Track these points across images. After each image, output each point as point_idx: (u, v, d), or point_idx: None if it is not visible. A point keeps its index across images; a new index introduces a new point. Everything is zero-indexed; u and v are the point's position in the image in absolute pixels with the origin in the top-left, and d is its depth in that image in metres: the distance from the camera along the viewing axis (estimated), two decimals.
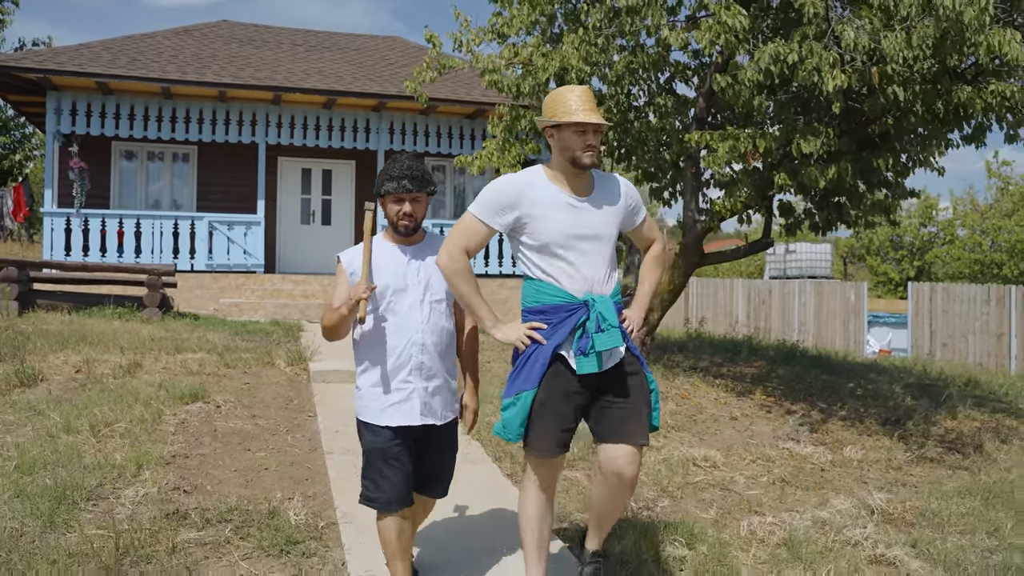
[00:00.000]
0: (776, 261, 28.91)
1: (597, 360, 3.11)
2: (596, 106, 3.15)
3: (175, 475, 4.51)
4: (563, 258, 3.15)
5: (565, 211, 3.15)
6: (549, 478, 3.27)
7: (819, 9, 5.68)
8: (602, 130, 3.17)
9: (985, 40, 4.94)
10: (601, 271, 3.20)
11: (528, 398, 3.12)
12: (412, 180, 3.14)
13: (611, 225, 3.25)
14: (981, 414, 8.56)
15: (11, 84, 12.96)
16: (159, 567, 3.44)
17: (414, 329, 3.17)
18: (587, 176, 3.26)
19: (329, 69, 14.78)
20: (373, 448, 3.17)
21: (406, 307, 3.17)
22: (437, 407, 3.23)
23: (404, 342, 3.16)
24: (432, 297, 3.22)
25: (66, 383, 6.38)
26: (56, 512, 3.82)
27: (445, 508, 4.29)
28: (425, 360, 3.18)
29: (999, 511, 5.40)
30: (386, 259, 3.22)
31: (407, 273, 3.21)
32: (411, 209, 3.17)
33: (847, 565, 4.20)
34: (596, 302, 3.12)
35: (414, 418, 3.15)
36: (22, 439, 4.87)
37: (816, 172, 6.62)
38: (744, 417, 7.47)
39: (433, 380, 3.20)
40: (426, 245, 3.30)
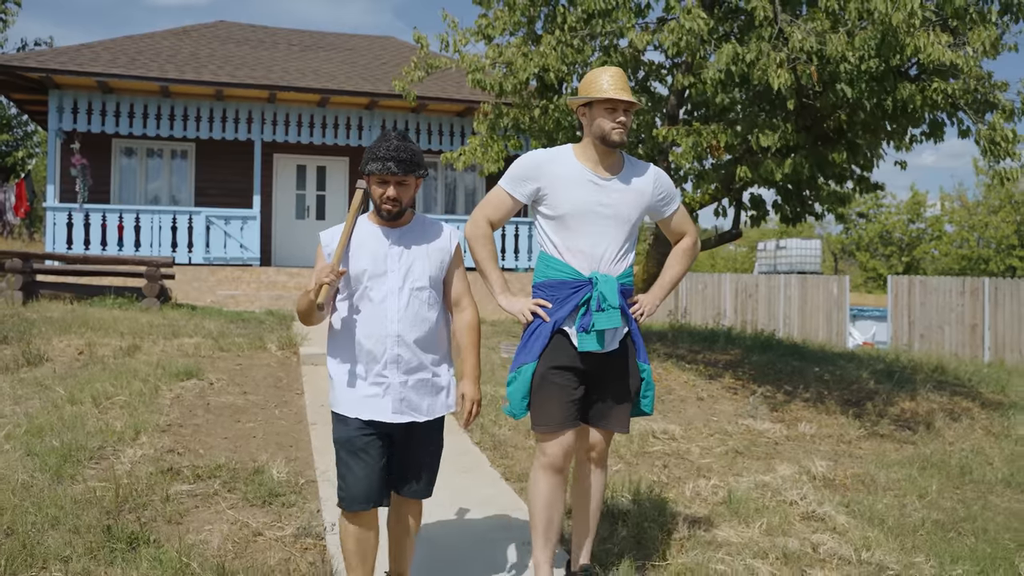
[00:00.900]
0: (766, 257, 29.32)
1: (598, 338, 3.12)
2: (628, 86, 3.20)
3: (170, 440, 4.94)
4: (576, 232, 3.18)
5: (585, 187, 3.19)
6: (558, 456, 3.18)
7: (768, 13, 6.10)
8: (633, 109, 3.20)
9: (912, 42, 5.36)
10: (613, 251, 3.20)
11: (528, 371, 3.15)
12: (399, 163, 2.86)
13: (632, 208, 3.25)
14: (940, 397, 8.98)
15: (14, 83, 13.40)
16: (154, 512, 3.87)
17: (390, 319, 2.92)
18: (616, 157, 3.28)
19: (323, 68, 15.20)
20: (339, 439, 2.96)
21: (383, 294, 2.93)
22: (419, 402, 2.97)
23: (379, 332, 2.92)
24: (413, 284, 2.96)
25: (69, 363, 6.82)
26: (63, 468, 4.26)
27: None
28: (403, 353, 2.93)
29: (932, 477, 5.83)
30: (366, 242, 2.97)
31: (387, 257, 2.96)
32: (396, 193, 2.91)
33: (779, 519, 4.62)
34: (599, 281, 3.14)
35: (387, 415, 2.92)
36: (30, 409, 5.31)
37: (773, 165, 7.05)
38: (710, 398, 7.89)
39: (415, 374, 2.96)
40: (412, 229, 3.04)
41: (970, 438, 7.24)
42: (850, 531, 4.57)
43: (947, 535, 4.71)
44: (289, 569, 3.45)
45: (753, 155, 7.58)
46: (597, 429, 3.29)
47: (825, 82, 6.53)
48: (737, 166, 7.73)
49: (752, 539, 4.30)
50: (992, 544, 4.57)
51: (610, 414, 3.26)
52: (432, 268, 3.01)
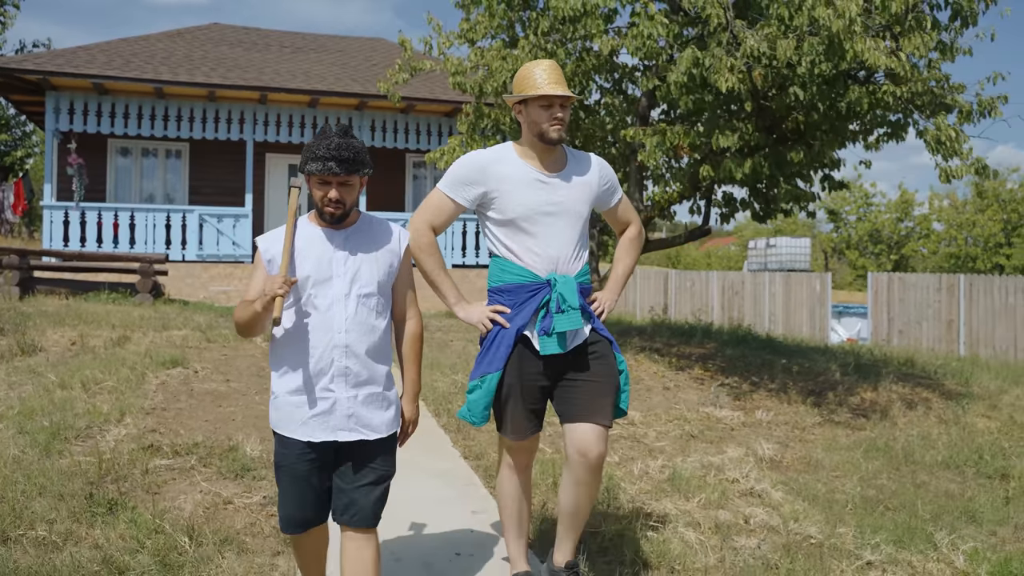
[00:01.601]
0: (757, 255, 29.69)
1: (559, 341, 3.05)
2: (563, 79, 3.10)
3: (153, 421, 5.30)
4: (529, 234, 3.10)
5: (532, 187, 3.10)
6: (523, 460, 3.26)
7: (723, 20, 6.44)
8: (570, 103, 3.10)
9: (851, 48, 5.71)
10: (568, 249, 3.12)
11: (493, 381, 3.07)
12: (340, 162, 2.64)
13: (581, 202, 3.17)
14: (902, 388, 9.32)
15: (12, 85, 13.76)
16: (133, 483, 4.23)
17: (336, 328, 2.72)
18: (558, 152, 3.20)
19: (314, 70, 15.55)
20: (281, 463, 2.77)
21: (328, 302, 2.73)
22: (372, 418, 2.77)
23: (325, 343, 2.72)
24: (361, 290, 2.75)
25: (62, 353, 7.18)
26: (51, 444, 4.61)
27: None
28: (351, 365, 2.73)
29: (875, 460, 6.18)
30: (310, 246, 2.75)
31: (332, 262, 2.75)
32: (338, 195, 2.69)
33: (719, 495, 4.97)
34: (557, 282, 3.06)
35: (334, 433, 2.72)
36: (23, 393, 5.67)
37: (732, 165, 7.40)
38: (676, 387, 8.24)
39: (364, 388, 2.75)
40: (359, 230, 2.82)
41: (921, 425, 7.57)
42: (783, 506, 4.92)
43: (875, 510, 5.05)
44: (253, 532, 3.80)
45: (715, 155, 7.93)
46: (588, 424, 3.06)
47: (779, 85, 6.88)
48: (701, 166, 8.07)
49: (688, 511, 4.65)
50: (914, 517, 4.91)
51: (597, 407, 3.09)
52: (380, 273, 2.81)
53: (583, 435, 3.04)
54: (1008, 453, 6.66)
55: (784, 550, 4.18)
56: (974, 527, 4.97)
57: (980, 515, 5.15)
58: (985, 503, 5.39)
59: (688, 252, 59.98)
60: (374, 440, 2.78)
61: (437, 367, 7.86)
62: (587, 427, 3.04)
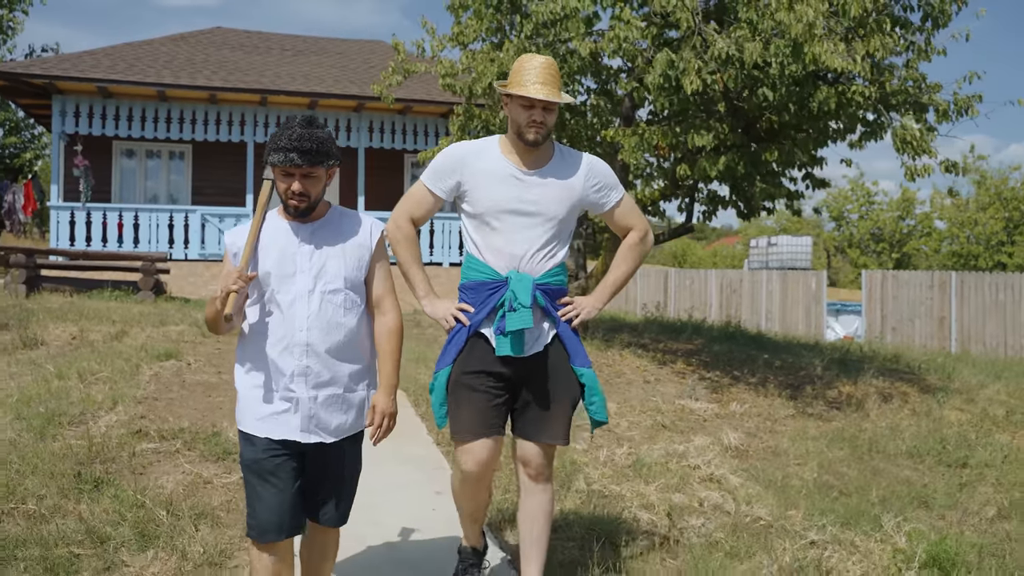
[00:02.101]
0: (758, 253, 29.84)
1: (513, 343, 2.95)
2: (555, 80, 2.97)
3: (143, 409, 5.58)
4: (494, 231, 3.01)
5: (506, 183, 3.01)
6: (472, 467, 3.03)
7: (691, 23, 6.69)
8: (553, 108, 2.98)
9: (810, 50, 5.95)
10: (533, 249, 3.02)
11: (443, 377, 3.01)
12: (302, 153, 2.55)
13: (558, 204, 3.05)
14: (881, 382, 9.52)
15: (21, 89, 14.12)
16: (120, 465, 4.51)
17: (298, 326, 2.64)
18: (545, 150, 3.08)
19: (313, 72, 15.86)
20: (246, 461, 2.70)
21: (291, 298, 2.65)
22: (330, 421, 2.70)
23: (286, 341, 2.65)
24: (326, 287, 2.67)
25: (63, 347, 7.48)
26: (46, 429, 4.90)
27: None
28: (312, 364, 2.65)
29: (840, 450, 6.40)
30: (274, 240, 2.69)
31: (297, 257, 2.67)
32: (301, 187, 2.60)
33: (677, 479, 5.21)
34: (512, 279, 2.97)
35: (295, 433, 2.67)
36: (22, 383, 5.97)
37: (706, 163, 7.64)
38: (656, 381, 8.48)
39: (325, 388, 2.68)
40: (327, 223, 2.74)
41: (893, 418, 7.78)
42: (739, 490, 5.16)
43: (828, 495, 5.29)
44: (229, 508, 4.08)
45: (692, 154, 8.17)
46: (530, 441, 3.06)
47: (749, 87, 7.11)
48: (679, 165, 8.32)
49: (645, 494, 4.89)
50: (864, 501, 5.15)
51: (542, 424, 3.04)
52: (348, 268, 2.71)
53: (527, 447, 3.06)
54: (973, 444, 6.87)
55: (731, 530, 4.42)
56: (924, 511, 5.20)
57: (932, 500, 5.39)
58: (939, 489, 5.62)
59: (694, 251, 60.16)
60: (335, 442, 2.73)
61: (423, 361, 8.13)
62: (531, 446, 3.05)
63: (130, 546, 3.57)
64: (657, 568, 3.85)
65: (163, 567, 3.43)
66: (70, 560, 3.39)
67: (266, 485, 2.65)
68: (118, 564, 3.43)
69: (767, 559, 4.04)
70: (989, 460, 6.37)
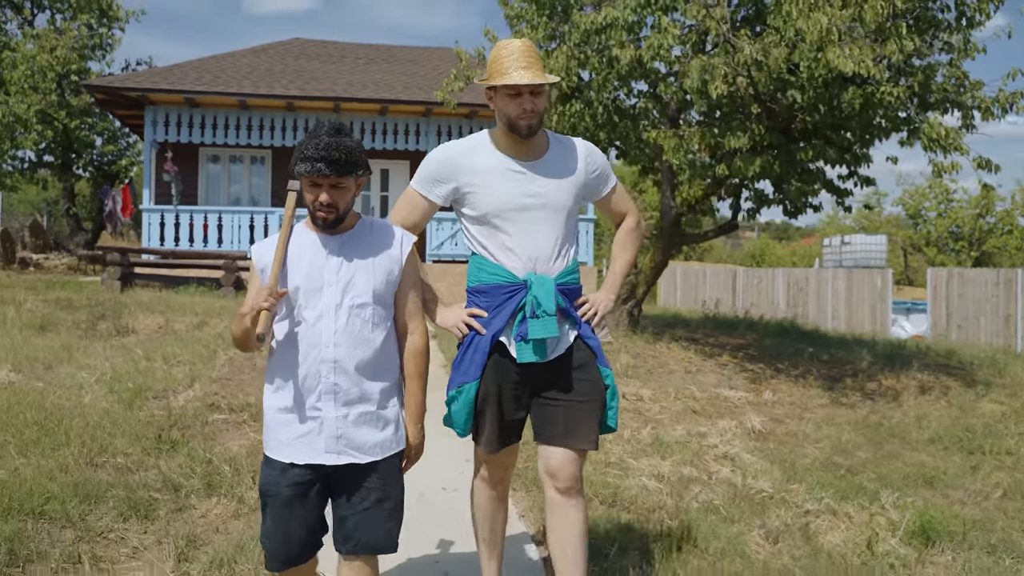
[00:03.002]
0: (832, 252, 29.45)
1: (535, 349, 2.80)
2: (537, 62, 2.77)
3: (217, 387, 6.32)
4: (504, 231, 2.84)
5: (507, 178, 2.84)
6: (498, 475, 3.03)
7: (720, 32, 7.08)
8: (542, 91, 2.78)
9: (824, 55, 6.27)
10: (548, 247, 2.85)
11: (471, 391, 2.82)
12: (330, 164, 2.46)
13: (564, 194, 2.88)
14: (926, 375, 9.64)
15: (117, 101, 15.36)
16: (195, 431, 5.22)
17: (324, 342, 2.54)
18: (539, 139, 2.90)
19: (384, 80, 16.66)
20: (264, 488, 2.59)
21: (317, 314, 2.55)
22: (360, 440, 2.57)
23: (313, 358, 2.54)
24: (354, 301, 2.57)
25: (151, 334, 8.35)
26: (134, 401, 5.66)
27: None
28: (340, 381, 2.55)
29: (859, 435, 6.68)
30: (302, 253, 2.59)
31: (324, 270, 2.58)
32: (330, 198, 2.51)
33: (693, 456, 5.63)
34: (533, 284, 2.80)
35: (320, 455, 2.55)
36: (116, 364, 6.79)
37: (741, 164, 7.99)
38: (698, 371, 8.85)
39: (355, 407, 2.57)
40: (356, 235, 2.65)
41: (927, 409, 7.96)
42: (750, 466, 5.55)
43: (836, 473, 5.62)
44: None
45: (730, 155, 8.52)
46: (561, 448, 2.83)
47: (779, 89, 7.45)
48: (718, 165, 8.68)
49: (659, 467, 5.33)
50: (869, 479, 5.46)
51: (572, 428, 2.83)
52: (377, 282, 2.61)
53: (554, 457, 2.82)
54: (1001, 434, 7.02)
55: (731, 498, 4.84)
56: (928, 490, 5.48)
57: (939, 481, 5.65)
58: (950, 472, 5.86)
59: (773, 251, 59.25)
60: (367, 464, 2.58)
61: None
62: (560, 451, 2.82)
63: (198, 493, 4.24)
64: (655, 527, 4.30)
65: (224, 510, 4.08)
66: (150, 502, 4.07)
67: (280, 517, 2.55)
68: (188, 507, 4.10)
69: (758, 523, 4.44)
70: (1012, 448, 6.53)
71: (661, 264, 10.40)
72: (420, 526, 4.01)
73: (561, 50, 9.58)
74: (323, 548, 2.73)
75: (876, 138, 8.69)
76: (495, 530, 3.08)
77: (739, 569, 3.82)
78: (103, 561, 3.48)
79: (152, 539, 3.73)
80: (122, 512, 3.91)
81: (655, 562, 3.75)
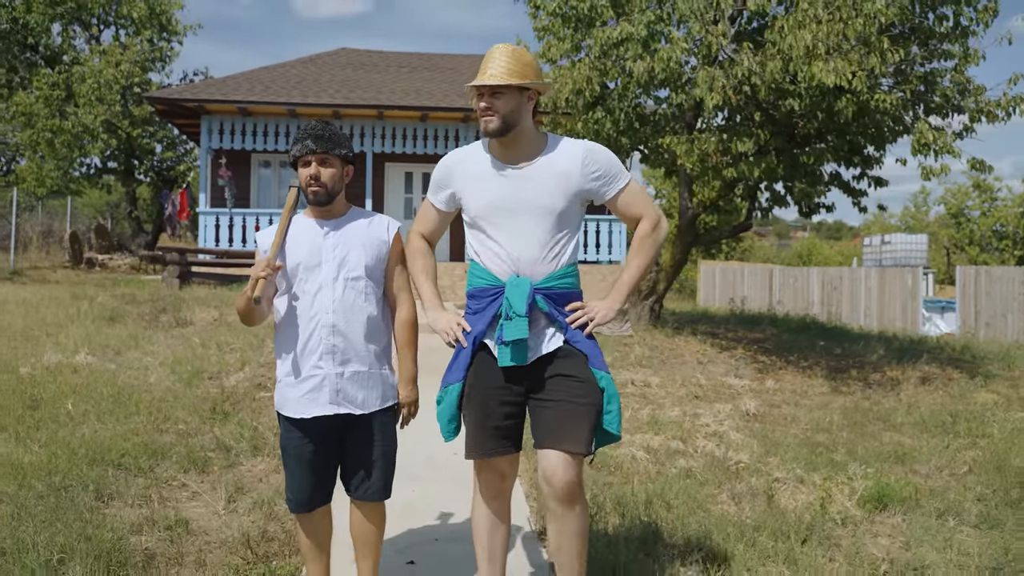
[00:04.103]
0: (872, 252, 29.55)
1: (514, 352, 2.79)
2: (506, 65, 2.79)
3: (264, 370, 7.14)
4: (491, 235, 2.89)
5: (494, 182, 2.88)
6: (492, 487, 2.98)
7: (720, 45, 7.68)
8: (504, 92, 2.79)
9: (809, 69, 6.84)
10: (533, 250, 2.85)
11: (455, 392, 2.88)
12: (316, 139, 2.90)
13: (554, 196, 2.85)
14: (933, 368, 10.05)
15: (175, 111, 16.44)
16: (244, 406, 6.04)
17: (324, 309, 2.92)
18: (532, 142, 2.90)
19: (425, 88, 17.49)
20: (284, 444, 3.03)
21: (317, 286, 2.94)
22: (355, 395, 2.95)
23: (314, 324, 2.93)
24: (348, 274, 2.96)
25: (206, 326, 9.25)
26: (192, 381, 6.51)
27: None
28: (337, 343, 2.93)
29: (846, 419, 7.20)
30: (302, 235, 2.99)
31: (322, 248, 2.97)
32: (317, 171, 2.91)
33: (684, 433, 6.25)
34: (508, 286, 2.83)
35: (324, 407, 2.93)
36: (176, 351, 7.67)
37: (746, 167, 8.58)
38: (709, 362, 9.42)
39: (349, 365, 2.94)
40: (348, 219, 3.04)
41: (923, 397, 8.41)
42: (734, 443, 6.15)
43: (815, 449, 6.18)
44: None
45: (738, 159, 9.11)
46: (552, 451, 2.78)
47: (778, 97, 8.03)
48: (727, 168, 9.27)
49: (650, 441, 5.98)
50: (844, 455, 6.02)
51: (560, 429, 2.78)
52: (368, 258, 3.00)
53: (547, 461, 2.78)
54: (986, 419, 7.46)
55: (709, 467, 5.46)
56: (899, 466, 5.99)
57: (910, 458, 6.16)
58: (923, 450, 6.37)
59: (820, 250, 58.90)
60: (368, 417, 2.98)
61: None
62: (552, 453, 2.77)
63: (245, 453, 5.04)
64: (634, 488, 4.95)
65: (266, 466, 4.87)
66: (205, 459, 4.87)
67: (300, 466, 2.98)
68: (237, 463, 4.90)
69: (727, 487, 5.07)
70: (991, 432, 6.98)
71: (681, 261, 11.00)
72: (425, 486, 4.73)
73: (584, 62, 10.25)
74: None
75: (877, 142, 9.20)
76: (494, 545, 3.03)
77: (699, 519, 4.45)
78: (168, 501, 4.28)
79: (207, 486, 4.52)
80: (183, 466, 4.72)
81: (625, 513, 4.41)
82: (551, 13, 10.77)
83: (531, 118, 2.91)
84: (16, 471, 4.36)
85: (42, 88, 20.75)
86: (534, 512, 4.45)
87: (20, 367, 6.72)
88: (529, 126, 2.90)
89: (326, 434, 2.97)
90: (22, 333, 8.18)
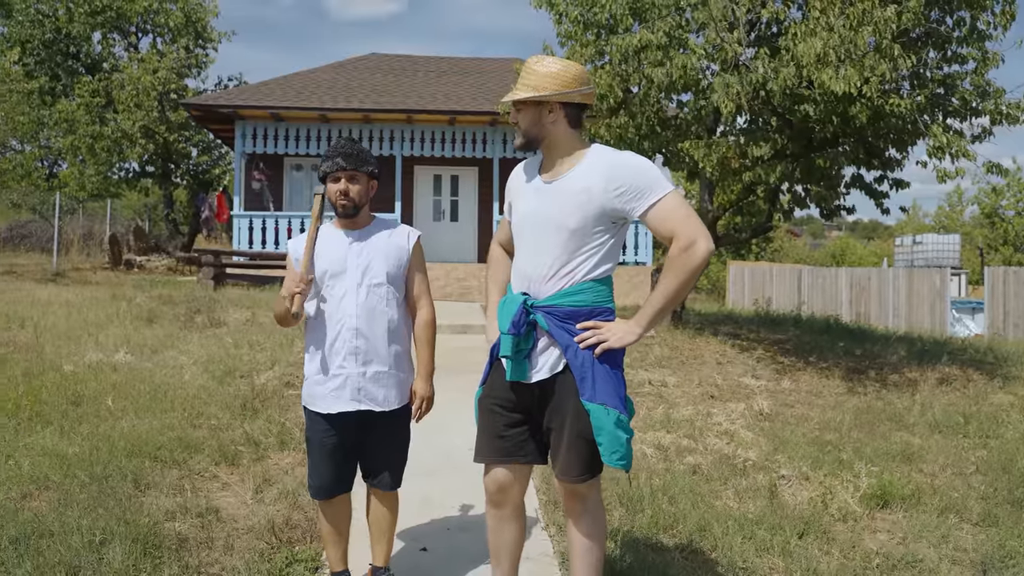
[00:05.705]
0: (904, 252, 29.35)
1: (512, 367, 2.80)
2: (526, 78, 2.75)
3: (293, 369, 7.45)
4: (518, 249, 2.91)
5: (528, 196, 2.87)
6: (496, 495, 2.94)
7: (737, 51, 7.85)
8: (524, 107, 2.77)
9: (819, 76, 6.99)
10: (543, 267, 2.77)
11: (477, 395, 3.00)
12: (346, 157, 3.14)
13: (571, 213, 2.73)
14: (954, 369, 10.08)
15: (211, 117, 16.92)
16: (273, 403, 6.35)
17: (348, 313, 3.15)
18: (567, 154, 2.80)
19: (453, 92, 17.78)
20: (309, 437, 3.29)
21: (342, 291, 3.17)
22: (376, 393, 3.19)
23: (339, 327, 3.16)
24: (371, 281, 3.18)
25: (239, 326, 9.61)
26: (224, 379, 6.84)
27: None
28: (360, 345, 3.15)
29: (858, 418, 7.32)
30: (328, 245, 3.21)
31: (347, 257, 3.19)
32: (346, 187, 3.14)
33: (695, 431, 6.44)
34: (502, 303, 2.88)
35: (346, 404, 3.16)
36: (210, 350, 8.02)
37: (763, 171, 8.73)
38: (728, 363, 9.56)
39: (370, 365, 3.17)
40: (372, 229, 3.28)
41: (936, 398, 8.46)
42: (745, 441, 6.32)
43: (823, 448, 6.33)
44: None
45: (755, 162, 9.26)
46: (558, 478, 2.88)
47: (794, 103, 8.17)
48: (745, 172, 9.42)
49: (662, 439, 6.17)
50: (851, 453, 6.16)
51: (556, 457, 2.85)
52: (390, 265, 3.22)
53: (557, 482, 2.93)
54: (1001, 421, 7.53)
55: (716, 464, 5.65)
56: (905, 465, 6.12)
57: (918, 457, 6.28)
58: (933, 450, 6.47)
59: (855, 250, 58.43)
60: (387, 414, 3.23)
61: None
62: (553, 476, 2.93)
63: (273, 448, 5.34)
64: (641, 483, 5.16)
65: (292, 460, 5.16)
66: (236, 453, 5.18)
67: (323, 457, 3.24)
68: (265, 457, 5.20)
69: (733, 483, 5.25)
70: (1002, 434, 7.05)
71: None
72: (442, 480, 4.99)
73: (605, 68, 10.45)
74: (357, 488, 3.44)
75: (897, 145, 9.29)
76: (499, 544, 3.01)
77: (701, 513, 4.66)
78: (200, 491, 4.58)
79: (237, 478, 4.82)
80: (215, 459, 5.03)
81: (630, 505, 4.63)
82: (574, 20, 10.98)
83: (565, 129, 2.80)
84: (62, 462, 4.70)
85: (83, 95, 21.43)
86: (542, 505, 4.68)
87: (64, 365, 7.10)
88: (560, 139, 2.80)
89: (348, 428, 3.21)
90: (66, 333, 8.59)
